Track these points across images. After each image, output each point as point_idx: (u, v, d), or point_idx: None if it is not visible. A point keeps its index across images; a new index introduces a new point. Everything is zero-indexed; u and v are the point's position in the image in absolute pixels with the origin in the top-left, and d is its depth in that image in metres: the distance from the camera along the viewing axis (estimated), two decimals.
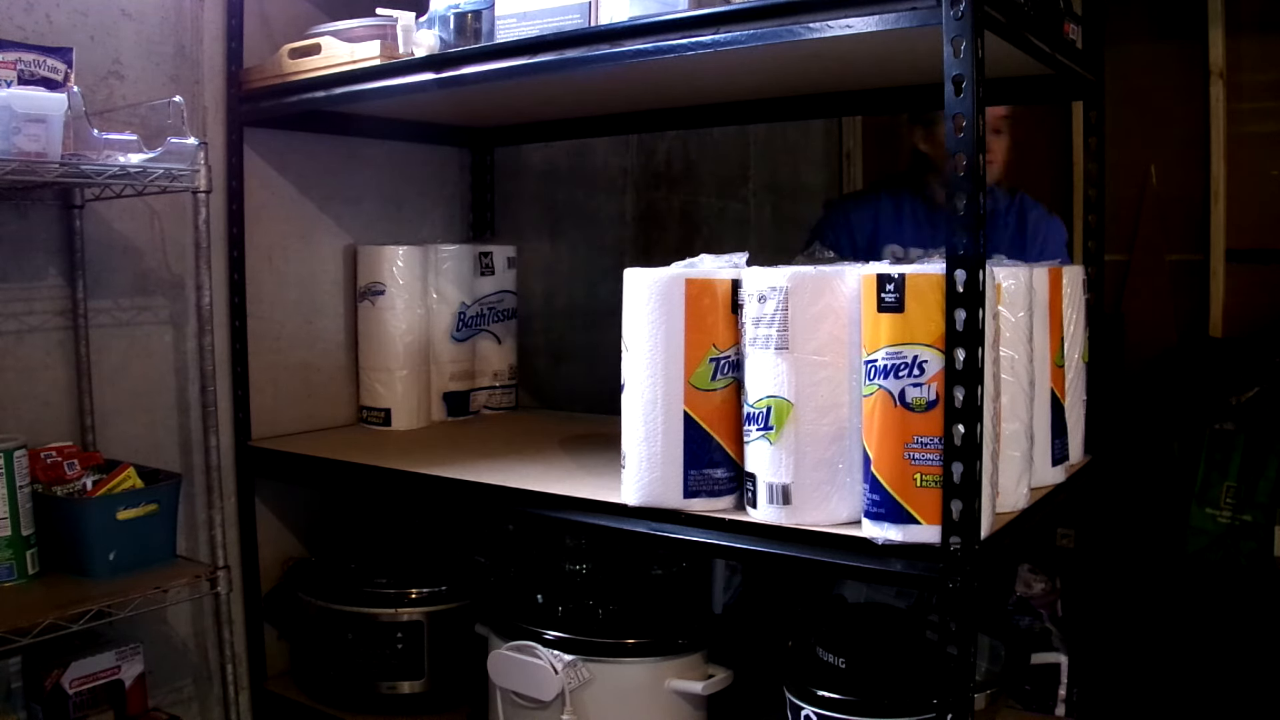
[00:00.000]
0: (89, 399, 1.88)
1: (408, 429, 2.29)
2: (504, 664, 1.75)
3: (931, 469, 1.30)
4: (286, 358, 2.22)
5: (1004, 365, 1.45)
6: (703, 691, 1.72)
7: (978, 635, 1.47)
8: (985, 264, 1.28)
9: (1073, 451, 1.73)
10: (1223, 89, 3.17)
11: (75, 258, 1.86)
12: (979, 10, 1.25)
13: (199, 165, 1.70)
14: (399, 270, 2.26)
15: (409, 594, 2.00)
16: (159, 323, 2.02)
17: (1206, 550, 2.77)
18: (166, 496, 1.78)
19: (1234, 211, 3.19)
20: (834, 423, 1.40)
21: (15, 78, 1.59)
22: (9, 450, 1.62)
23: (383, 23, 1.84)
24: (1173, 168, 3.26)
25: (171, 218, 2.01)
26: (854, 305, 1.39)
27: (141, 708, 1.80)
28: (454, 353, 2.40)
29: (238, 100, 2.06)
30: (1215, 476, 2.80)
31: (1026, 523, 1.48)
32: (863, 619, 1.80)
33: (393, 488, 1.88)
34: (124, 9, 1.93)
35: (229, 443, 2.08)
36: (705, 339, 1.49)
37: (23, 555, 1.64)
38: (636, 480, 1.52)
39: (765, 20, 1.41)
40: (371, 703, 2.01)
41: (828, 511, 1.41)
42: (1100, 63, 1.83)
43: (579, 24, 1.59)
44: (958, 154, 1.27)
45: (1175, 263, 3.25)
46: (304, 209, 2.25)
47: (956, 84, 1.26)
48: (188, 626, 2.07)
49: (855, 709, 1.53)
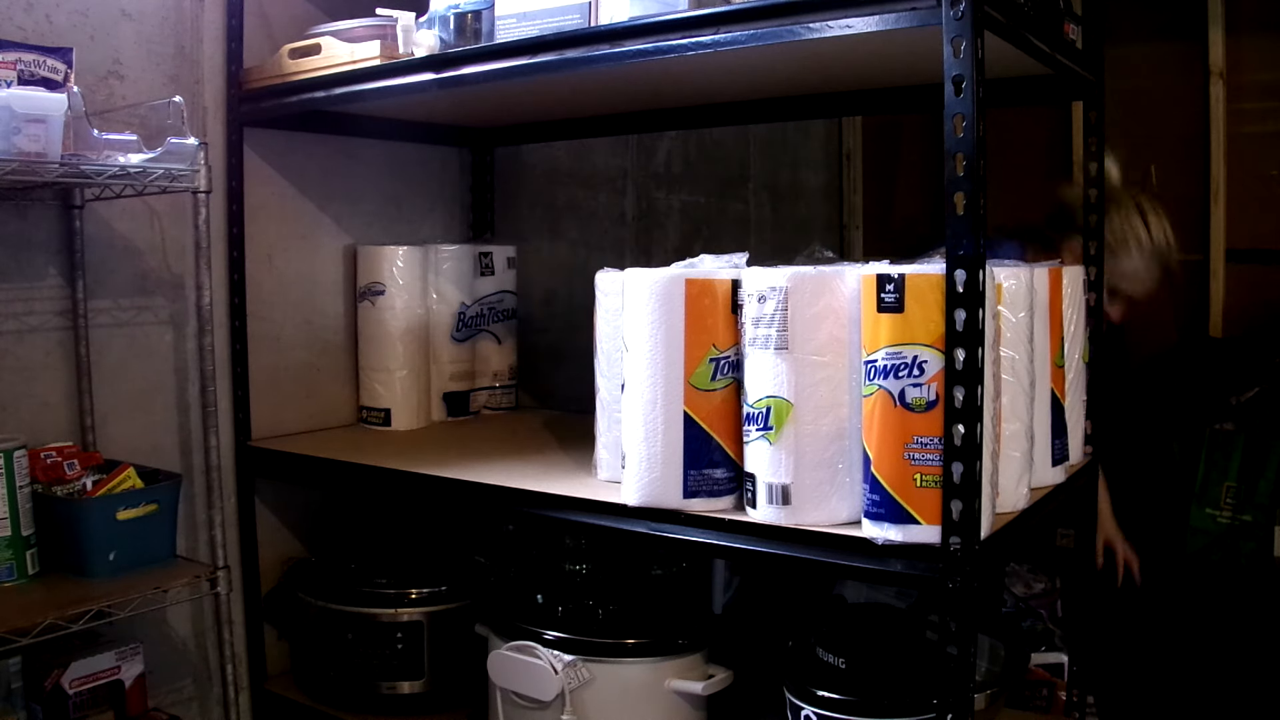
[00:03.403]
0: (89, 399, 1.88)
1: (408, 429, 2.29)
2: (504, 664, 1.75)
3: (931, 469, 1.30)
4: (286, 358, 2.22)
5: (1004, 365, 1.45)
6: (703, 691, 1.72)
7: (978, 635, 1.47)
8: (985, 264, 1.28)
9: (1073, 451, 1.73)
10: (1223, 89, 3.17)
11: (75, 258, 1.86)
12: (979, 10, 1.25)
13: (199, 165, 1.70)
14: (399, 270, 2.26)
15: (409, 594, 2.00)
16: (159, 323, 2.02)
17: (1206, 550, 2.77)
18: (166, 496, 1.79)
19: (1234, 211, 3.19)
20: (834, 423, 1.40)
21: (15, 78, 1.59)
22: (9, 450, 1.62)
23: (383, 23, 1.84)
24: (1173, 168, 3.25)
25: (171, 218, 2.01)
26: (854, 305, 1.39)
27: (141, 708, 1.80)
28: (454, 353, 2.40)
29: (238, 100, 2.06)
30: (1215, 476, 2.80)
31: (1026, 523, 1.48)
32: (863, 619, 1.80)
33: (393, 488, 1.88)
34: (124, 9, 1.93)
35: (229, 443, 2.08)
36: (705, 339, 1.49)
37: (23, 555, 1.65)
38: (636, 480, 1.52)
39: (765, 20, 1.41)
40: (371, 703, 2.01)
41: (827, 512, 1.41)
42: (1100, 63, 1.83)
43: (579, 24, 1.59)
44: (957, 154, 1.27)
45: (1175, 262, 3.25)
46: (304, 209, 2.25)
47: (956, 84, 1.26)
48: (188, 626, 2.07)
49: (855, 709, 1.53)
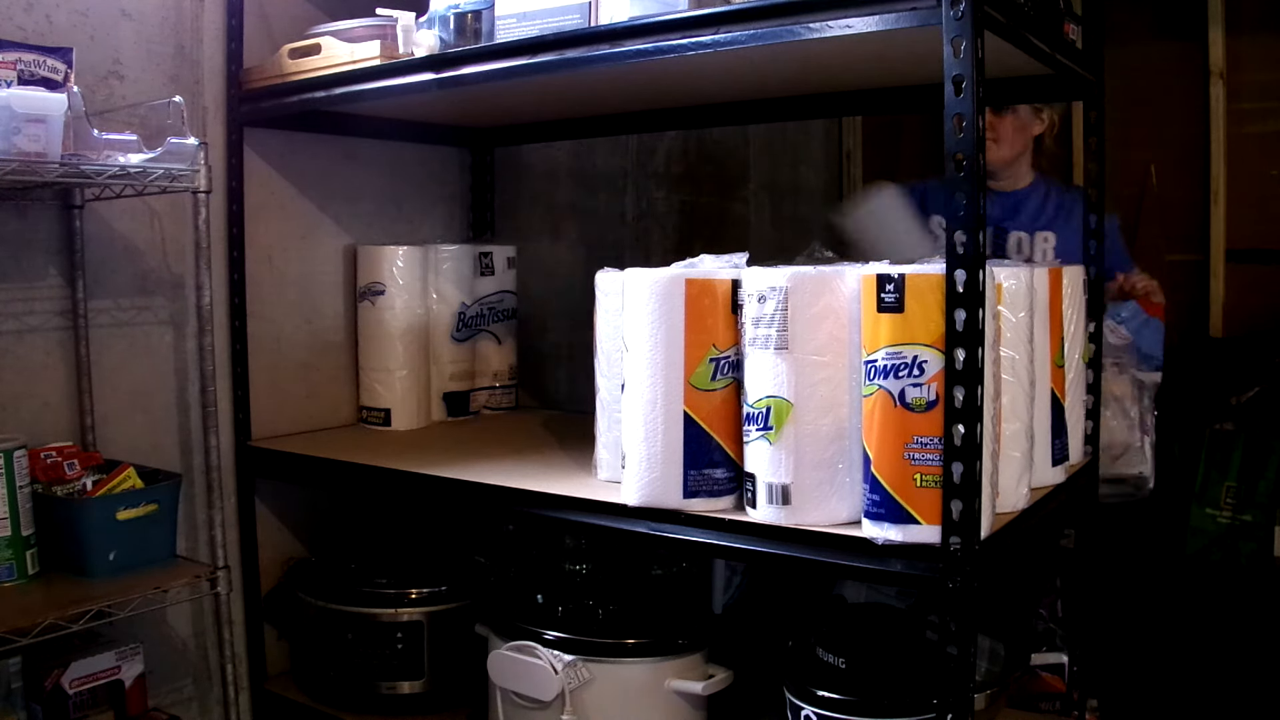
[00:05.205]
0: (89, 399, 1.88)
1: (408, 429, 2.28)
2: (504, 664, 1.75)
3: (931, 469, 1.30)
4: (286, 358, 2.22)
5: (1004, 365, 1.45)
6: (703, 691, 1.72)
7: (978, 635, 1.47)
8: (985, 264, 1.28)
9: (1073, 451, 1.73)
10: (1223, 89, 3.17)
11: (75, 258, 1.86)
12: (979, 10, 1.25)
13: (199, 165, 1.70)
14: (399, 270, 2.26)
15: (409, 594, 2.00)
16: (159, 323, 2.02)
17: (1206, 550, 2.77)
18: (166, 496, 1.79)
19: (1234, 211, 3.19)
20: (834, 423, 1.40)
21: (15, 78, 1.59)
22: (9, 450, 1.62)
23: (383, 23, 1.83)
24: (1173, 168, 3.26)
25: (171, 218, 2.01)
26: (854, 305, 1.39)
27: (141, 708, 1.80)
28: (454, 353, 2.40)
29: (238, 100, 2.06)
30: (1215, 476, 2.80)
31: (1026, 523, 1.48)
32: (863, 619, 1.80)
33: (393, 488, 1.88)
34: (124, 9, 1.93)
35: (229, 443, 2.08)
36: (705, 339, 1.49)
37: (23, 555, 1.65)
38: (636, 480, 1.52)
39: (765, 20, 1.41)
40: (371, 703, 2.01)
41: (827, 511, 1.41)
42: (1100, 63, 1.83)
43: (579, 24, 1.59)
44: (957, 154, 1.27)
45: (1175, 263, 3.25)
46: (304, 209, 2.25)
47: (956, 84, 1.26)
48: (188, 626, 2.07)
49: (855, 709, 1.53)
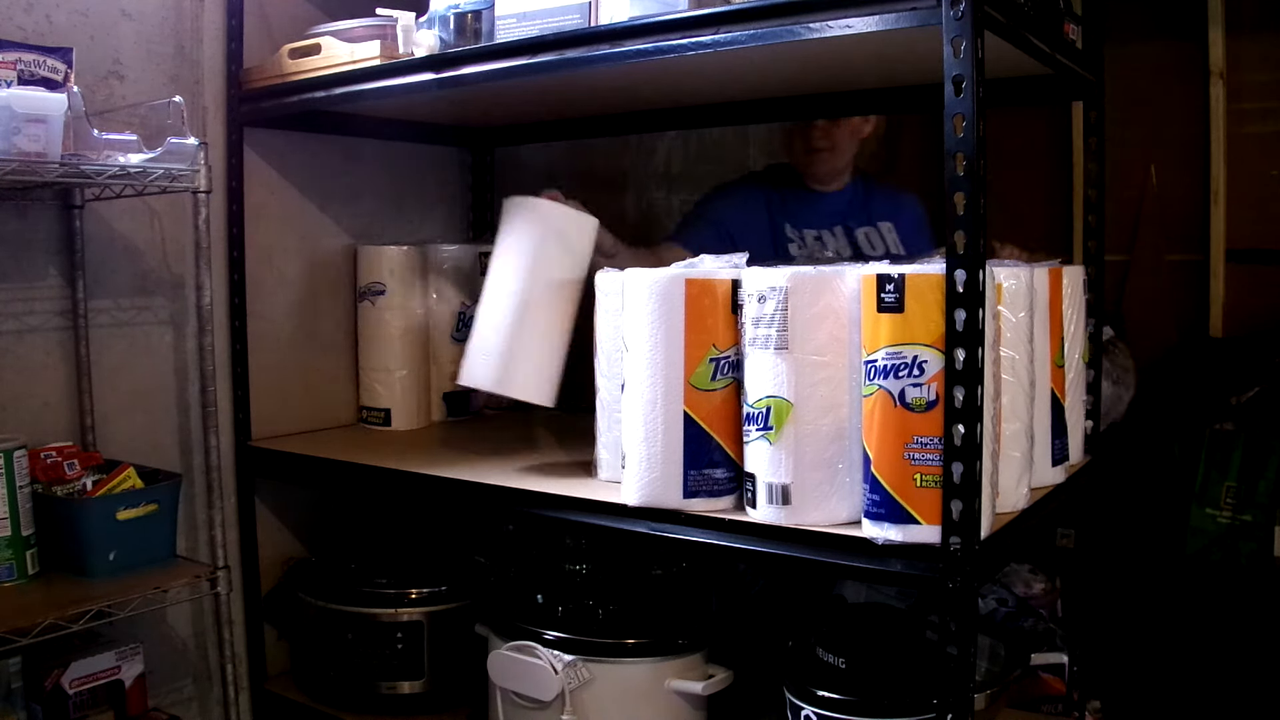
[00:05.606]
0: (89, 399, 1.88)
1: (407, 429, 2.29)
2: (504, 664, 1.75)
3: (931, 469, 1.30)
4: (286, 358, 2.22)
5: (1004, 365, 1.45)
6: (703, 691, 1.72)
7: (978, 635, 1.47)
8: (985, 264, 1.28)
9: (1073, 452, 1.73)
10: (1223, 89, 3.17)
11: (75, 258, 1.86)
12: (979, 10, 1.25)
13: (199, 165, 1.70)
14: (399, 270, 2.26)
15: (409, 594, 2.00)
16: (159, 323, 2.02)
17: (1206, 550, 2.77)
18: (166, 496, 1.79)
19: (1234, 211, 3.18)
20: (834, 423, 1.40)
21: (15, 78, 1.59)
22: (9, 450, 1.62)
23: (383, 23, 1.84)
24: (1173, 168, 3.25)
25: (171, 218, 2.01)
26: (854, 305, 1.39)
27: (141, 708, 1.80)
28: (454, 353, 2.38)
29: (238, 100, 2.06)
30: (1215, 476, 2.80)
31: (1026, 523, 1.48)
32: (863, 619, 1.80)
33: (393, 488, 1.88)
34: (124, 9, 1.93)
35: (229, 443, 2.08)
36: (705, 339, 1.49)
37: (23, 555, 1.65)
38: (636, 480, 1.53)
39: (765, 20, 1.41)
40: (371, 703, 2.01)
41: (827, 511, 1.41)
42: (1100, 63, 1.83)
43: (579, 24, 1.59)
44: (957, 154, 1.27)
45: (1175, 263, 3.25)
46: (304, 209, 2.25)
47: (956, 84, 1.26)
48: (188, 626, 2.07)
49: (855, 709, 1.52)
